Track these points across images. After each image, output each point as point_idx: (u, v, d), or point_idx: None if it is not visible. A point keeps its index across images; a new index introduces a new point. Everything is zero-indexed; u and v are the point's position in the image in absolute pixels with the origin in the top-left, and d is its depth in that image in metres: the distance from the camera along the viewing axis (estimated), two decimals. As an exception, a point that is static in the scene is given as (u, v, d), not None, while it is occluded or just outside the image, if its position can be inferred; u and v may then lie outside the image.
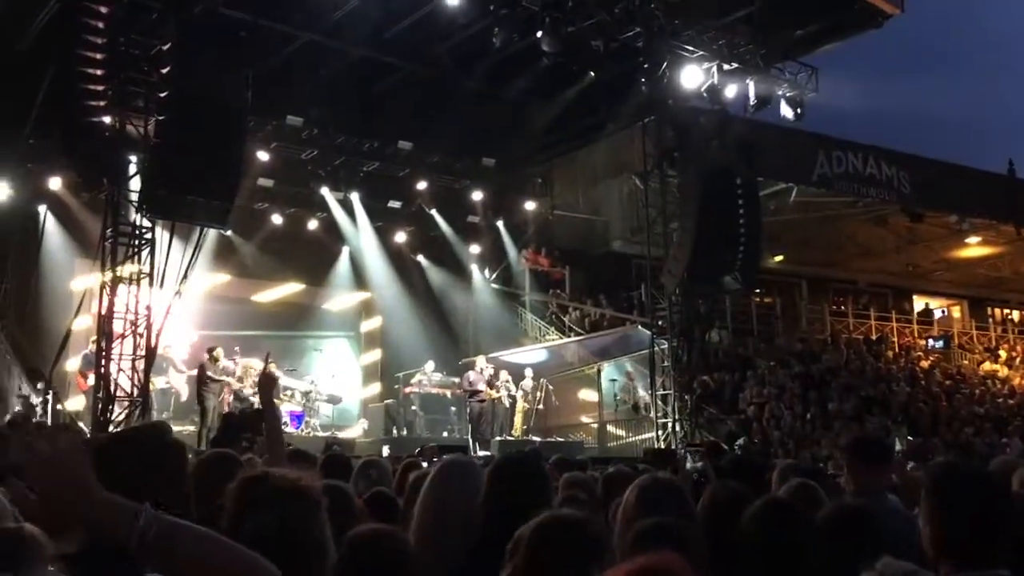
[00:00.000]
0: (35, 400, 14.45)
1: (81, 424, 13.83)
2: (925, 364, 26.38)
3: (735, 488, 3.14)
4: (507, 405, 18.35)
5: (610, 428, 20.85)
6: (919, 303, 32.51)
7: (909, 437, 18.94)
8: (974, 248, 28.86)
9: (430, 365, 19.46)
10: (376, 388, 22.42)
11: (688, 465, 10.49)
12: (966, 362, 28.27)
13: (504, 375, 18.54)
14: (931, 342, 28.54)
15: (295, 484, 1.95)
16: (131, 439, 2.17)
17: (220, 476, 2.16)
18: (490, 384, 17.51)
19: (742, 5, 17.06)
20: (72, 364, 16.36)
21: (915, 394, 22.60)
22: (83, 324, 15.90)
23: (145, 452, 2.06)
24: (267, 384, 4.23)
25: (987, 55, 63.83)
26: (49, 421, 13.67)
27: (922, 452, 17.65)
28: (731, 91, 17.66)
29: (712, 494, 3.17)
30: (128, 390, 12.81)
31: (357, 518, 2.97)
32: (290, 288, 21.79)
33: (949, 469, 2.68)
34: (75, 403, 16.10)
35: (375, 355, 23.11)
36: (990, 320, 32.98)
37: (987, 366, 28.34)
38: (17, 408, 14.11)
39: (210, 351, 16.15)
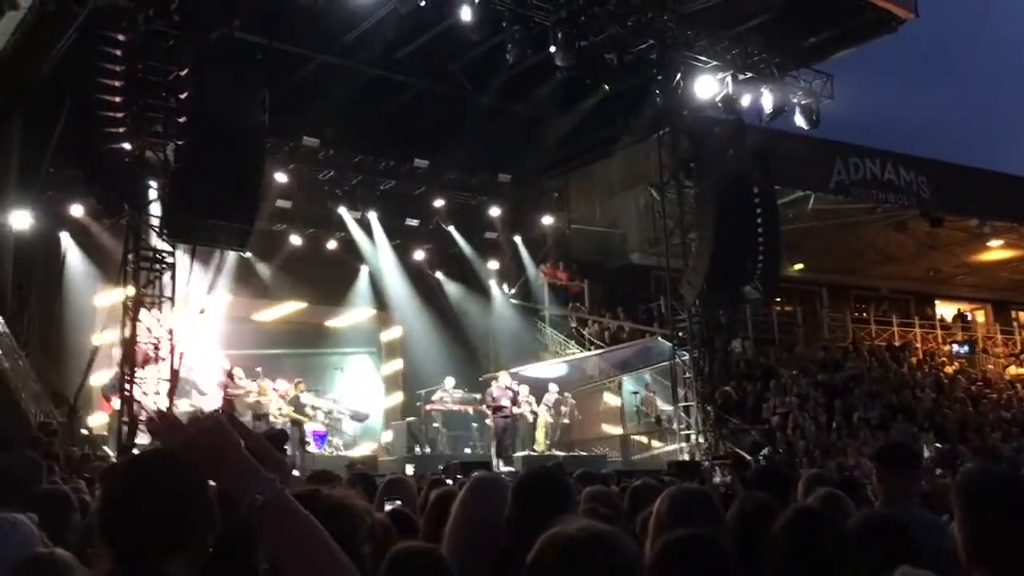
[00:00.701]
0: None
1: (105, 448, 13.92)
2: (950, 370, 26.13)
3: (763, 499, 3.12)
4: (530, 420, 18.32)
5: (633, 441, 20.77)
6: (946, 308, 32.23)
7: (937, 444, 18.75)
8: (996, 251, 28.62)
9: (450, 381, 19.45)
10: (397, 402, 22.43)
11: (716, 479, 10.45)
12: (991, 366, 27.99)
13: (525, 390, 18.51)
14: (955, 347, 28.27)
15: (343, 502, 2.07)
16: (147, 462, 2.17)
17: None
18: (514, 400, 17.46)
19: (755, 14, 17.04)
20: (97, 380, 16.43)
21: (940, 400, 22.39)
22: (108, 339, 15.96)
23: (162, 474, 2.07)
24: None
25: (1003, 58, 63.50)
26: (73, 443, 13.76)
27: (950, 459, 17.48)
28: (746, 100, 17.65)
29: (740, 505, 3.15)
30: (152, 414, 12.86)
31: (379, 536, 2.98)
32: (310, 308, 21.85)
33: (980, 475, 2.65)
34: (97, 421, 16.24)
35: (396, 368, 23.09)
36: (1014, 323, 32.66)
37: (1012, 370, 28.06)
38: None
39: (229, 373, 16.27)
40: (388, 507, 3.85)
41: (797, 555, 2.51)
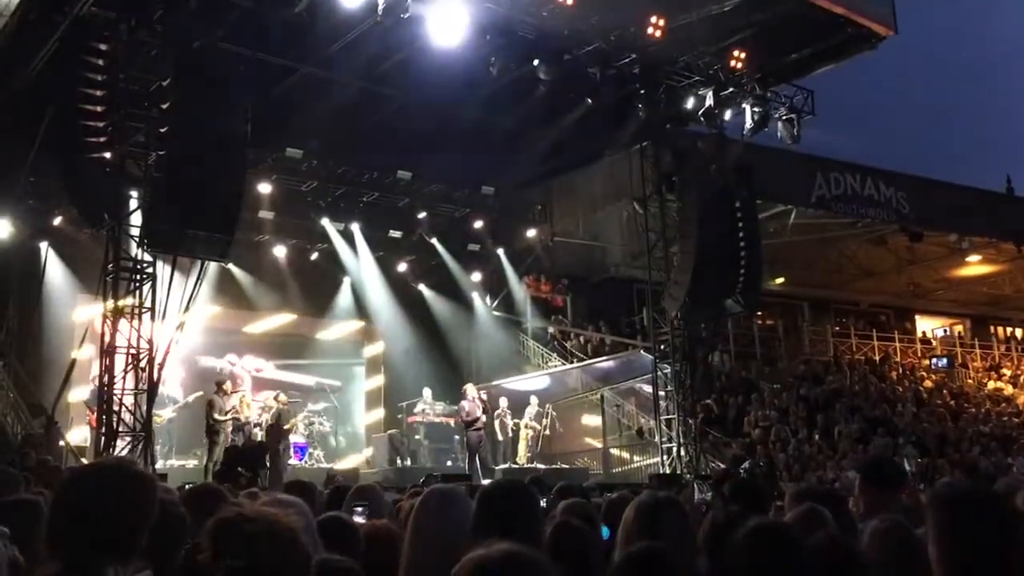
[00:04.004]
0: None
1: (84, 460, 13.80)
2: (929, 384, 26.29)
3: (734, 512, 3.12)
4: (509, 433, 18.29)
5: (614, 454, 20.77)
6: (925, 323, 32.47)
7: (917, 459, 18.84)
8: (975, 267, 28.87)
9: (428, 393, 19.40)
10: (380, 414, 22.40)
11: (696, 497, 10.39)
12: (970, 381, 28.19)
13: (504, 403, 18.51)
14: (935, 362, 28.46)
15: (270, 526, 1.93)
16: (95, 471, 2.16)
17: (207, 509, 2.16)
18: (485, 410, 17.45)
19: (737, 30, 17.16)
20: (76, 396, 16.35)
21: (920, 415, 22.52)
22: (87, 355, 15.86)
23: (109, 483, 2.04)
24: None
25: (982, 73, 64.23)
26: (52, 456, 13.66)
27: (930, 473, 17.58)
28: (728, 115, 17.74)
29: (712, 519, 3.15)
30: (131, 424, 12.77)
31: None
32: (292, 319, 21.79)
33: (952, 490, 2.67)
34: (79, 436, 16.14)
35: (377, 384, 23.05)
36: (993, 338, 32.91)
37: (991, 385, 28.26)
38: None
39: (219, 384, 16.16)
40: (357, 518, 3.81)
41: (758, 571, 2.50)
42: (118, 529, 2.01)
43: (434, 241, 22.57)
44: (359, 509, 3.98)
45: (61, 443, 15.09)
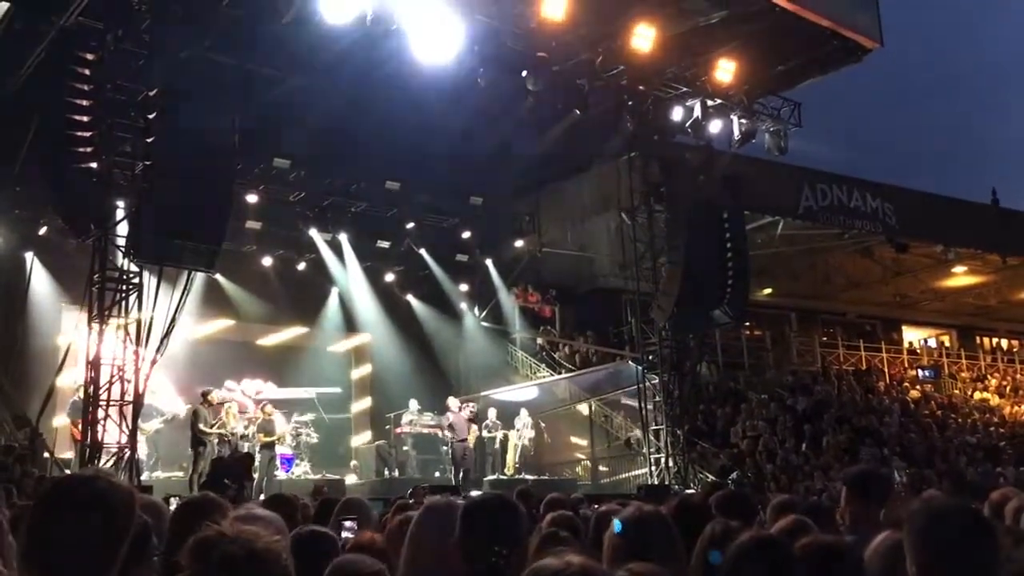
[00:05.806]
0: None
1: (68, 471, 13.67)
2: (915, 394, 26.38)
3: (734, 527, 3.10)
4: (497, 444, 18.24)
5: (603, 465, 20.74)
6: (912, 333, 32.59)
7: (907, 470, 18.88)
8: (961, 277, 29.02)
9: (414, 404, 19.33)
10: (366, 406, 22.38)
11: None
12: (957, 391, 28.30)
13: (493, 413, 18.45)
14: (921, 372, 28.57)
15: (248, 547, 1.90)
16: (65, 489, 2.11)
17: (198, 522, 2.13)
18: (471, 420, 17.41)
19: (724, 42, 17.23)
20: (60, 420, 16.18)
21: (907, 425, 22.59)
22: (69, 380, 15.64)
23: (82, 501, 2.01)
24: None
25: (968, 86, 64.72)
26: (38, 470, 13.55)
27: (918, 483, 17.59)
28: (715, 126, 17.80)
29: (711, 531, 3.13)
30: (116, 437, 12.65)
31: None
32: (280, 330, 21.69)
33: (928, 504, 2.68)
34: (63, 444, 15.98)
35: (364, 370, 23.03)
36: (979, 349, 33.06)
37: (978, 395, 28.37)
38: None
39: (204, 394, 16.00)
40: (345, 533, 3.77)
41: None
42: (93, 544, 1.98)
43: (422, 252, 22.55)
44: (347, 524, 3.94)
45: (45, 454, 14.93)
